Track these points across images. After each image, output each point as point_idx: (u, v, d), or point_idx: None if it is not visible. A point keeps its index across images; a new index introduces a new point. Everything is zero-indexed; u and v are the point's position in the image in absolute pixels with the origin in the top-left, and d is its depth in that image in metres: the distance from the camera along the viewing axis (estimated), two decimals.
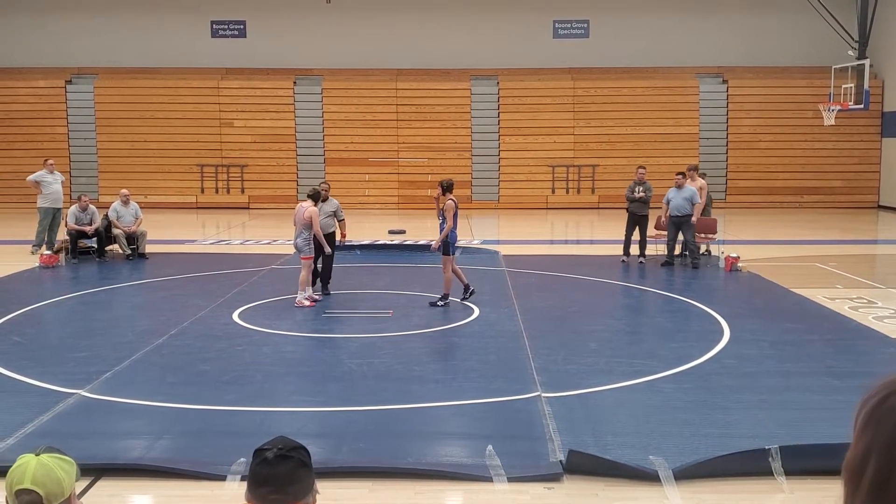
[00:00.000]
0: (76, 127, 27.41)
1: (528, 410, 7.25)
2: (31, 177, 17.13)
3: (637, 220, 15.46)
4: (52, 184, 16.95)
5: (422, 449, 6.48)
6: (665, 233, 15.45)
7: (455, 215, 11.68)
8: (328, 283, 12.56)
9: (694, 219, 14.89)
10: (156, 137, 27.09)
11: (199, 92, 27.32)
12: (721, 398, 7.68)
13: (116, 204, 16.51)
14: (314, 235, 11.76)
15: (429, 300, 11.96)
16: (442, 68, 27.66)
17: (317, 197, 11.94)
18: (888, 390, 1.29)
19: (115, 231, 16.16)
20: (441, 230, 11.75)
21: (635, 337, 10.30)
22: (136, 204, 16.78)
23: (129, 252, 16.05)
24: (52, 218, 16.71)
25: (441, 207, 11.74)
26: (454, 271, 11.87)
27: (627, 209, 15.66)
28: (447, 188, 11.74)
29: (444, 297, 11.79)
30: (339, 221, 12.82)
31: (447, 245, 11.70)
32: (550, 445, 6.38)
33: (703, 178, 16.13)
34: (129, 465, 6.03)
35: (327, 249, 12.02)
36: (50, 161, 17.40)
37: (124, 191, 16.90)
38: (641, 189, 15.48)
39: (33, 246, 16.59)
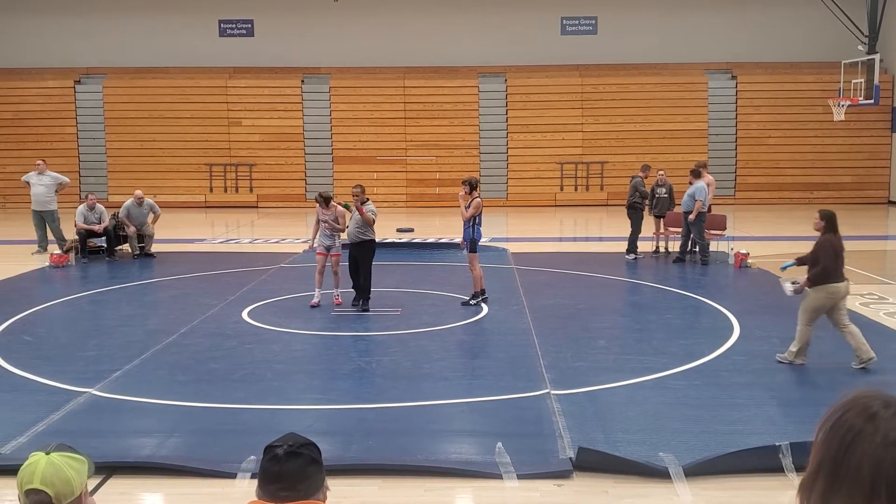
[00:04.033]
0: (85, 127, 27.50)
1: (537, 408, 7.24)
2: (24, 177, 17.26)
3: (641, 218, 15.74)
4: (36, 185, 16.80)
5: (431, 446, 6.48)
6: (677, 229, 15.54)
7: (481, 213, 11.66)
8: (367, 297, 11.54)
9: (692, 217, 14.78)
10: (164, 137, 27.17)
11: (207, 91, 27.38)
12: (731, 395, 7.65)
13: (129, 203, 16.40)
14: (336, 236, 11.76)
15: (450, 299, 11.93)
16: (450, 66, 27.64)
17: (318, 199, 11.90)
18: (843, 409, 1.30)
19: (128, 230, 16.14)
20: (465, 228, 11.67)
21: (644, 334, 10.27)
22: (150, 201, 16.64)
23: (138, 251, 16.09)
24: (39, 219, 16.67)
25: (467, 204, 11.64)
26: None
27: (635, 207, 15.66)
28: (474, 186, 11.67)
29: (476, 294, 11.73)
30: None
31: (474, 243, 11.66)
32: (560, 442, 6.37)
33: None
34: (139, 463, 6.06)
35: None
36: (38, 161, 17.25)
37: (139, 192, 16.67)
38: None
39: (38, 246, 16.67)
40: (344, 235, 11.85)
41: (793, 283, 8.60)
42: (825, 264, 8.27)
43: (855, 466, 1.24)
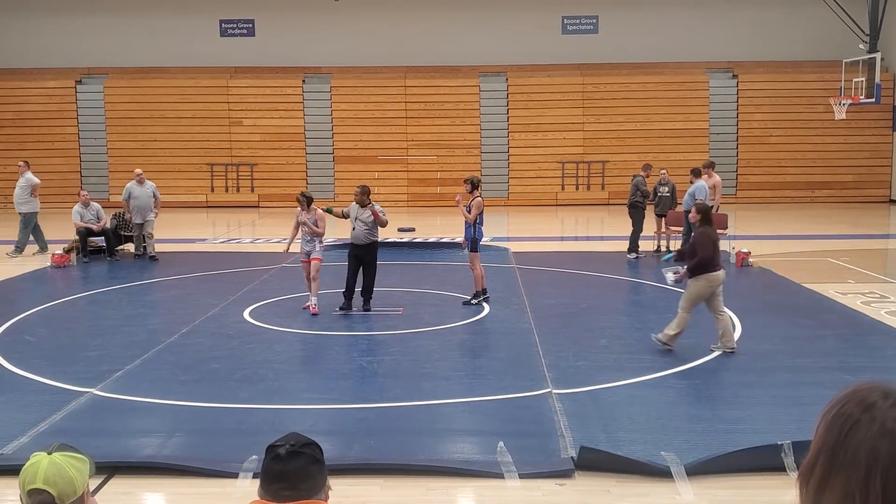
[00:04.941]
0: (86, 127, 27.52)
1: (539, 407, 7.24)
2: None
3: (643, 217, 15.75)
4: (16, 187, 16.66)
5: (433, 446, 6.48)
6: (679, 228, 15.56)
7: (482, 212, 11.64)
8: (369, 297, 11.44)
9: (691, 216, 14.79)
10: (166, 137, 27.18)
11: (208, 91, 27.39)
12: (733, 394, 7.66)
13: (131, 184, 16.20)
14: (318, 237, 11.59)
15: (440, 298, 11.93)
16: (451, 65, 27.64)
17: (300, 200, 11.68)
18: (845, 400, 1.35)
19: (127, 217, 16.09)
20: (466, 227, 11.66)
21: (646, 333, 10.24)
22: (152, 184, 16.41)
23: (141, 251, 16.08)
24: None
25: (468, 204, 11.63)
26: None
27: (637, 206, 15.66)
28: (476, 185, 11.65)
29: (477, 294, 11.72)
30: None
31: (475, 242, 11.65)
32: (562, 442, 6.37)
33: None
34: (141, 463, 6.06)
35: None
36: (20, 162, 17.09)
37: (138, 170, 16.48)
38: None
39: (37, 245, 16.67)
40: (341, 235, 11.78)
41: (674, 272, 9.23)
42: (703, 255, 8.78)
43: (852, 454, 1.29)
